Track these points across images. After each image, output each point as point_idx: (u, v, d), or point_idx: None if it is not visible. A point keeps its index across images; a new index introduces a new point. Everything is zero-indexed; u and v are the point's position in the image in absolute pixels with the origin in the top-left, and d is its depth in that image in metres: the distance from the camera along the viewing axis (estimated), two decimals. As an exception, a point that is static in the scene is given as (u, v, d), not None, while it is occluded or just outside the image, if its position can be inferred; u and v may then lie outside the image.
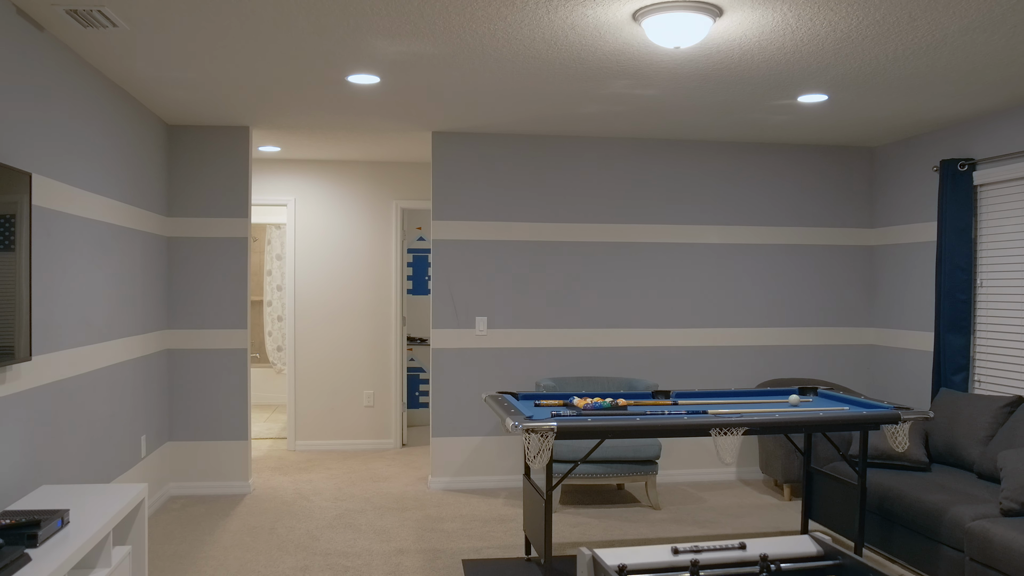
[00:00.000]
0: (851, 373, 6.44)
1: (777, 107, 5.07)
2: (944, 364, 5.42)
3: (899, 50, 3.86)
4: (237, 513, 5.27)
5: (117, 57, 4.02)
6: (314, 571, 4.20)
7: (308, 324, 7.30)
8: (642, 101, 4.92)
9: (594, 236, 6.10)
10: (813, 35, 3.64)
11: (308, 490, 5.87)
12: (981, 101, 4.86)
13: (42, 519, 2.72)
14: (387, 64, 4.11)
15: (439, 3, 3.24)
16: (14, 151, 3.32)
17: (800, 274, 6.38)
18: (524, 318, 6.03)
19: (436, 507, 5.44)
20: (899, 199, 6.17)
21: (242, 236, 5.82)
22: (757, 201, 6.32)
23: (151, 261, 5.30)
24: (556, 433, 3.64)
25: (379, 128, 5.75)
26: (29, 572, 2.41)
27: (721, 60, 4.04)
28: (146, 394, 5.18)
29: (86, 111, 4.11)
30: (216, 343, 5.79)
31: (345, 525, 5.02)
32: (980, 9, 3.29)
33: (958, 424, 4.81)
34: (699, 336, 6.23)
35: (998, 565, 3.60)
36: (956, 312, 5.37)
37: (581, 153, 6.09)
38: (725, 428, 3.72)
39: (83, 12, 3.35)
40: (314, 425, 7.32)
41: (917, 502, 4.21)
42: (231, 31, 3.59)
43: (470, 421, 6.00)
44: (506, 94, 4.73)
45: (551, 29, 3.55)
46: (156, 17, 3.41)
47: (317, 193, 7.33)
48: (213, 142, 5.79)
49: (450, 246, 5.97)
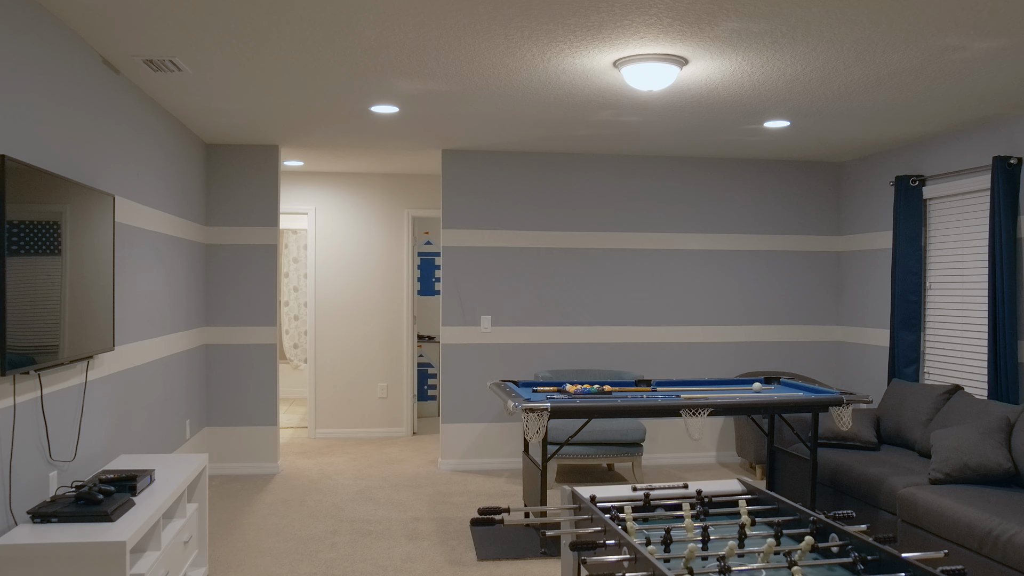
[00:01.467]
0: (820, 367, 7.11)
1: (746, 131, 5.75)
2: (898, 358, 6.09)
3: (842, 89, 4.53)
4: (269, 489, 5.96)
5: (174, 92, 4.70)
6: (343, 534, 4.89)
7: (327, 323, 7.99)
8: (627, 126, 5.60)
9: (588, 243, 6.78)
10: (767, 77, 4.31)
11: (331, 471, 6.55)
12: (927, 126, 5.53)
13: (137, 476, 3.40)
14: (405, 97, 4.79)
15: (452, 53, 3.91)
16: (101, 177, 4.01)
17: (774, 277, 7.05)
18: (525, 317, 6.71)
19: (446, 484, 6.12)
20: (861, 210, 6.84)
21: (271, 243, 6.51)
22: (735, 211, 6.99)
23: (192, 265, 5.98)
24: (550, 413, 4.32)
25: (394, 146, 6.44)
26: (134, 513, 3.09)
27: (691, 97, 4.71)
28: (189, 384, 5.87)
29: (147, 137, 4.80)
30: (248, 339, 6.47)
31: (366, 499, 5.70)
32: (902, 60, 3.96)
33: (904, 409, 5.48)
34: (683, 333, 6.90)
35: (922, 524, 4.28)
36: (908, 312, 6.04)
37: (576, 169, 6.77)
38: (693, 409, 4.40)
39: (156, 61, 4.03)
40: (333, 414, 8.00)
41: (862, 475, 4.89)
42: (274, 72, 4.27)
43: (476, 409, 6.67)
44: (508, 120, 5.41)
45: (545, 73, 4.23)
46: (214, 63, 4.09)
47: (335, 202, 8.01)
48: (246, 158, 6.48)
49: (458, 252, 6.64)
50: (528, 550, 4.56)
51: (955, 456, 4.52)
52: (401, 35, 3.62)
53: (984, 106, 4.91)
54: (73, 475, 3.59)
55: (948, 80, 4.32)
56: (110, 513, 2.95)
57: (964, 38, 3.62)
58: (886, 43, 3.71)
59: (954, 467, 4.50)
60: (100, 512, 2.94)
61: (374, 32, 3.59)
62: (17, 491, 3.04)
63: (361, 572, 4.23)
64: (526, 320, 6.72)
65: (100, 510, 2.94)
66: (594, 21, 3.43)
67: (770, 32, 3.57)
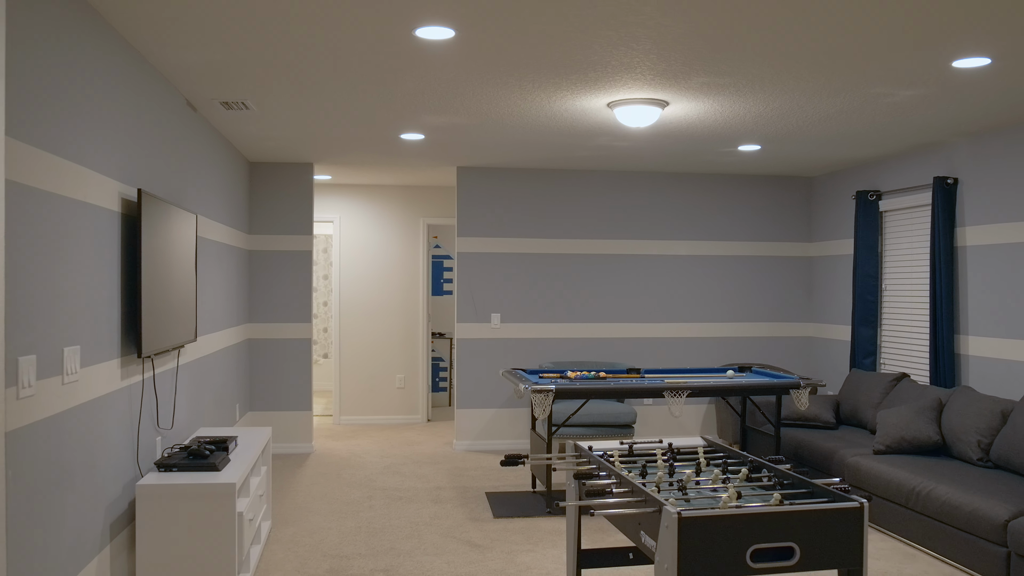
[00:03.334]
0: (792, 359, 7.98)
1: (723, 153, 6.61)
2: (857, 350, 6.96)
3: (800, 123, 5.39)
4: (308, 465, 6.81)
5: (235, 123, 5.56)
6: (377, 499, 5.74)
7: (350, 320, 8.84)
8: (619, 150, 6.46)
9: (586, 249, 7.64)
10: (735, 114, 5.17)
11: (358, 451, 7.41)
12: (880, 149, 6.39)
13: (227, 440, 4.26)
14: (431, 128, 5.64)
15: (474, 97, 4.77)
16: (186, 198, 4.86)
17: (752, 279, 7.91)
18: (530, 314, 7.56)
19: (461, 461, 6.98)
20: (829, 220, 7.71)
21: (306, 249, 7.36)
22: (717, 221, 7.85)
23: (239, 269, 6.83)
24: (555, 394, 5.17)
25: (415, 164, 7.29)
26: (232, 466, 3.94)
27: (672, 129, 5.58)
28: (237, 373, 6.72)
29: (210, 159, 5.65)
30: (285, 334, 7.33)
31: (392, 472, 6.56)
32: (843, 103, 4.81)
33: (859, 394, 6.35)
34: (670, 329, 7.76)
35: (864, 485, 5.14)
36: (866, 310, 6.91)
37: (577, 183, 7.63)
38: (674, 391, 5.26)
39: (231, 102, 4.88)
40: (356, 403, 8.86)
41: (819, 448, 5.75)
42: (323, 109, 5.12)
43: (486, 396, 7.53)
44: (517, 144, 6.27)
45: (550, 111, 5.09)
46: (276, 103, 4.95)
47: (358, 211, 8.87)
48: (284, 175, 7.33)
49: (471, 257, 7.50)
50: (536, 510, 5.42)
51: (894, 431, 5.38)
52: (435, 84, 4.48)
53: (924, 134, 5.78)
54: (171, 440, 4.44)
55: (885, 117, 5.19)
56: (217, 464, 3.81)
57: (888, 88, 4.49)
58: (828, 91, 4.57)
59: (893, 440, 5.36)
60: (209, 464, 3.79)
61: (413, 83, 4.44)
62: (141, 449, 3.90)
63: (397, 526, 5.08)
64: (531, 317, 7.57)
65: (208, 462, 3.80)
66: (591, 76, 4.29)
67: (733, 84, 4.43)
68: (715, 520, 2.48)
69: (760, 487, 3.00)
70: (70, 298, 3.07)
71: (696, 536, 2.46)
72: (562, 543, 4.78)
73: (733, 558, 2.49)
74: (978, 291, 5.77)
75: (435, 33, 3.57)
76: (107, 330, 3.47)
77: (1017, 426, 4.79)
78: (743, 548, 2.49)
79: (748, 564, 2.49)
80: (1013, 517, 4.04)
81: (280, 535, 4.90)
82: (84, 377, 3.20)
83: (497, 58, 3.95)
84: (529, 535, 4.92)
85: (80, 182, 3.16)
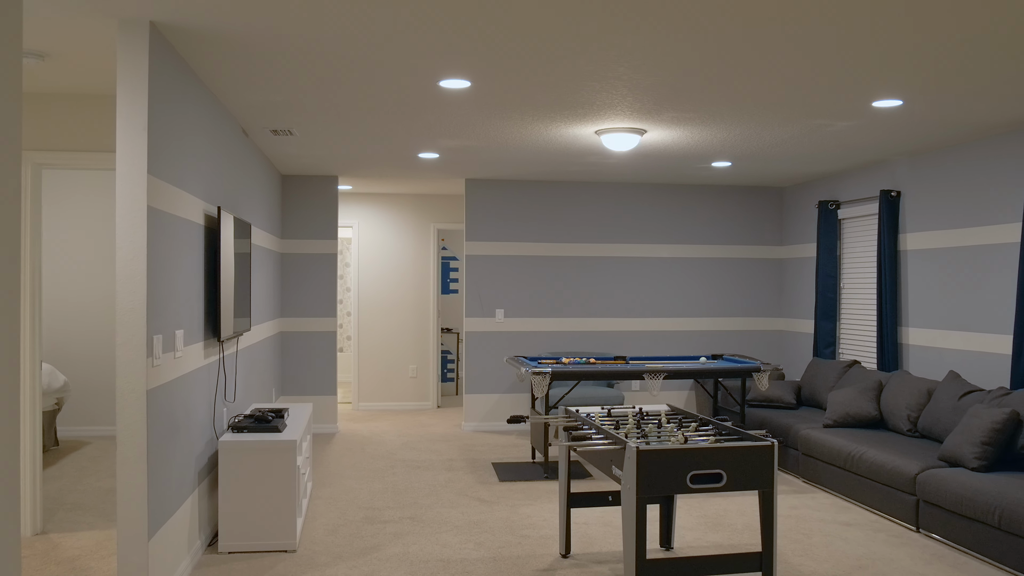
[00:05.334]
0: (764, 350, 8.91)
1: (699, 168, 7.55)
2: (819, 341, 7.89)
3: (760, 146, 6.33)
4: (334, 442, 7.75)
5: (279, 146, 6.49)
6: (398, 467, 6.68)
7: (368, 316, 9.77)
8: (608, 166, 7.39)
9: (581, 252, 8.57)
10: (704, 138, 6.10)
11: (378, 431, 8.35)
12: (836, 165, 7.32)
13: (282, 411, 5.20)
14: (445, 149, 6.58)
15: (484, 127, 5.70)
16: (243, 210, 5.80)
17: (728, 279, 8.85)
18: (531, 310, 8.49)
19: (470, 439, 7.92)
20: (796, 226, 8.64)
21: (331, 252, 8.30)
22: (697, 226, 8.78)
23: (274, 270, 7.77)
24: (552, 376, 6.10)
25: (427, 176, 8.23)
26: (289, 430, 4.87)
27: (651, 150, 6.51)
28: (272, 362, 7.65)
29: (257, 176, 6.58)
30: (313, 328, 8.26)
31: (409, 448, 7.49)
32: (792, 131, 5.74)
33: (817, 379, 7.28)
34: (655, 323, 8.70)
35: (813, 453, 6.08)
36: (827, 306, 7.84)
37: (570, 194, 8.56)
38: (652, 373, 6.19)
39: (279, 130, 5.82)
40: (373, 391, 9.79)
41: (779, 424, 6.69)
42: (355, 134, 6.06)
43: (491, 383, 8.46)
44: (519, 162, 7.21)
45: (547, 137, 6.02)
46: (317, 130, 5.88)
47: (375, 217, 9.80)
48: (312, 186, 8.27)
49: (478, 259, 8.44)
50: (535, 476, 6.35)
51: (840, 408, 6.32)
52: (451, 118, 5.42)
53: (869, 153, 6.71)
54: (233, 411, 5.38)
55: (830, 141, 6.12)
56: (279, 427, 4.75)
57: (827, 120, 5.42)
58: (778, 122, 5.50)
59: (839, 416, 6.30)
60: (272, 427, 4.73)
61: (434, 117, 5.38)
62: (216, 415, 4.84)
63: (417, 487, 6.02)
64: (532, 313, 8.50)
65: (271, 426, 4.73)
66: (580, 112, 5.22)
67: (698, 118, 5.37)
68: (663, 452, 3.42)
69: (704, 435, 3.94)
70: (179, 291, 4.00)
71: (649, 465, 3.39)
72: (556, 500, 5.72)
73: (676, 481, 3.42)
74: (917, 289, 6.70)
75: (455, 84, 4.50)
76: (197, 317, 4.41)
77: (938, 401, 5.72)
78: (684, 473, 3.42)
79: (688, 485, 3.43)
80: (920, 471, 4.98)
81: (320, 494, 5.84)
82: (186, 354, 4.14)
83: (504, 100, 4.88)
84: (529, 494, 5.86)
85: (183, 203, 4.10)
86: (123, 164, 3.44)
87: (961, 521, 4.62)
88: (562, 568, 4.35)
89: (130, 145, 3.45)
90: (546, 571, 4.30)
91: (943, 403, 5.66)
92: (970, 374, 6.06)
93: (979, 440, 4.84)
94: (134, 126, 3.45)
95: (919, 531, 5.01)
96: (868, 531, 5.06)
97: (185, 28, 3.58)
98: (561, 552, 4.52)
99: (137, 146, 3.45)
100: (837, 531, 5.05)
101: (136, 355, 3.44)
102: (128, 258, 3.45)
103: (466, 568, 4.32)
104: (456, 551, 4.60)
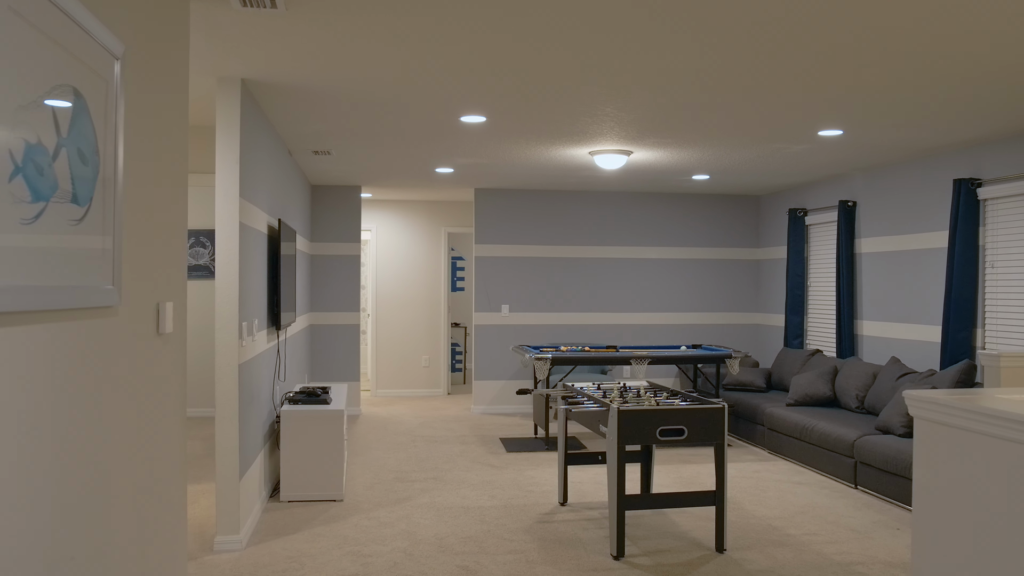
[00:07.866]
0: (742, 342, 9.93)
1: (681, 180, 8.56)
2: (789, 333, 8.90)
3: (732, 163, 7.34)
4: (359, 423, 8.76)
5: (316, 163, 7.50)
6: (418, 441, 7.69)
7: (385, 311, 10.78)
8: (601, 179, 8.40)
9: (578, 254, 9.58)
10: (683, 158, 7.11)
11: (396, 414, 9.36)
12: (802, 178, 8.33)
13: (328, 388, 6.21)
14: (459, 165, 7.59)
15: (493, 149, 6.71)
16: (290, 218, 6.80)
17: (711, 278, 9.86)
18: (533, 305, 9.50)
19: (479, 420, 8.93)
20: (771, 230, 9.66)
21: (355, 254, 9.31)
22: (682, 231, 9.80)
23: (306, 269, 8.78)
24: (551, 361, 7.11)
25: (441, 186, 9.24)
26: (334, 403, 5.88)
27: (638, 167, 7.53)
28: (303, 351, 8.66)
29: (295, 187, 7.59)
30: (339, 320, 9.27)
31: (426, 427, 8.50)
32: (755, 152, 6.75)
33: (784, 366, 8.30)
34: (644, 318, 9.71)
35: (776, 428, 7.10)
36: (795, 302, 8.85)
37: (569, 202, 9.57)
38: (638, 359, 7.20)
39: (320, 150, 6.83)
40: (389, 379, 10.80)
41: (749, 405, 7.70)
42: (381, 152, 7.07)
43: (498, 370, 9.47)
44: (522, 174, 8.21)
45: (547, 156, 7.03)
46: (350, 150, 6.89)
47: (391, 222, 10.81)
48: (337, 195, 9.27)
49: (487, 260, 9.44)
50: (537, 448, 7.36)
51: (800, 390, 7.33)
52: (467, 143, 6.42)
53: (831, 168, 7.72)
54: (284, 389, 6.38)
55: (791, 161, 7.13)
56: (327, 400, 5.76)
57: (784, 145, 6.43)
58: (742, 146, 6.51)
59: (800, 396, 7.31)
60: (322, 399, 5.74)
61: (452, 142, 6.39)
62: (275, 391, 5.84)
63: (437, 456, 7.03)
64: (534, 308, 9.51)
65: (321, 399, 5.74)
66: (575, 138, 6.23)
67: (675, 143, 6.38)
68: (639, 412, 4.43)
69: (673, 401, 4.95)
70: (254, 288, 5.01)
71: (627, 421, 4.40)
72: (556, 466, 6.73)
73: (649, 434, 4.43)
74: (870, 287, 7.71)
75: (473, 119, 5.51)
76: (263, 309, 5.41)
77: (880, 382, 6.74)
78: (654, 428, 4.43)
79: (657, 437, 4.44)
80: (858, 438, 5.99)
81: (354, 461, 6.86)
82: (259, 338, 5.14)
83: (513, 130, 5.89)
84: (532, 462, 6.87)
85: (256, 217, 5.10)
86: (221, 189, 4.45)
87: (888, 477, 5.63)
88: (560, 512, 5.36)
89: (226, 174, 4.46)
90: (548, 514, 5.31)
91: (884, 383, 6.67)
92: (909, 359, 7.07)
93: (905, 412, 5.85)
94: (228, 160, 4.46)
95: (856, 487, 6.03)
96: (815, 488, 6.08)
97: (264, 83, 4.59)
98: (559, 501, 5.54)
99: (232, 175, 4.46)
100: (789, 488, 6.07)
101: (231, 337, 4.45)
102: (225, 262, 4.46)
103: (483, 513, 5.34)
104: (474, 501, 5.61)
